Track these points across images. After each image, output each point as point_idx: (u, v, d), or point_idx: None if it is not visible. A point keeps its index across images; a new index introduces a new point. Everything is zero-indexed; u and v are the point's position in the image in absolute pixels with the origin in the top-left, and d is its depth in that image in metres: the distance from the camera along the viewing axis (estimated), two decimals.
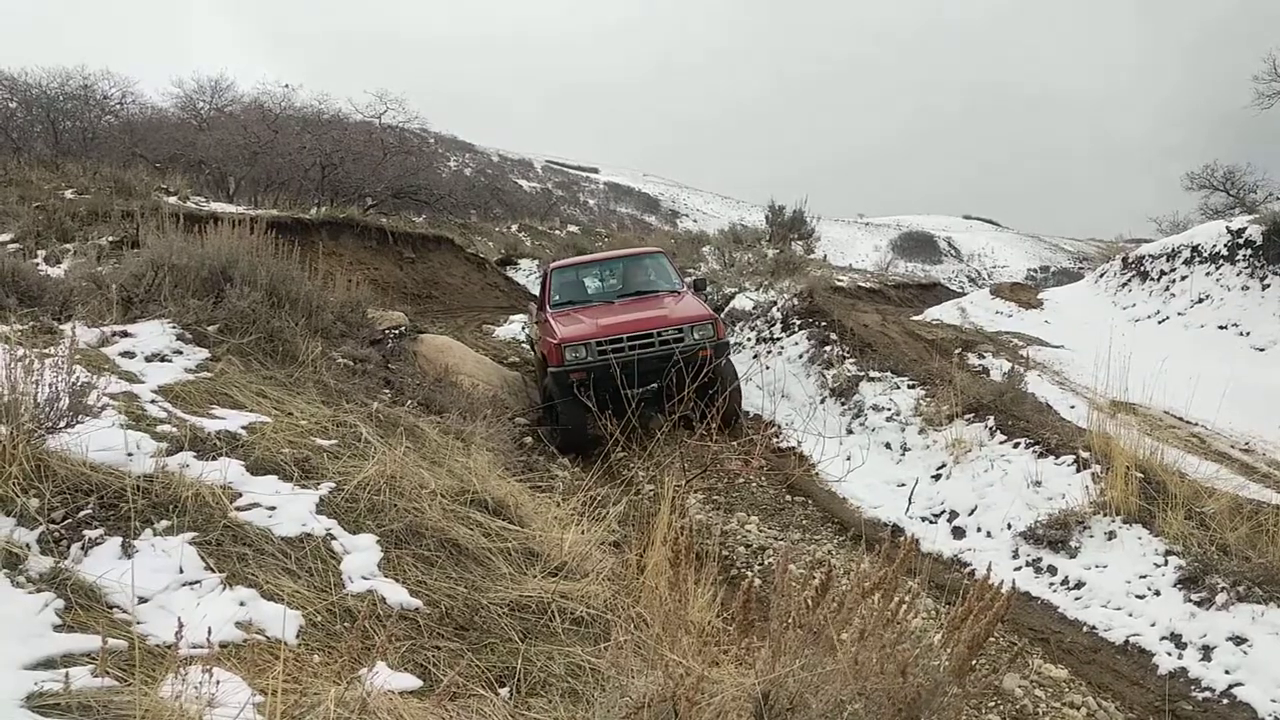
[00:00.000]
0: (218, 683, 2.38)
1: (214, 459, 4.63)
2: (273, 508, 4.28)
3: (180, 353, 6.72)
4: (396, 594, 3.89)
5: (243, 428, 5.23)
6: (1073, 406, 11.33)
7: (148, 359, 6.45)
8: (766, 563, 7.52)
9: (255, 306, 7.70)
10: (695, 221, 79.60)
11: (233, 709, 2.41)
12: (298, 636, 3.41)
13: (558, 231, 43.67)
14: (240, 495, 4.32)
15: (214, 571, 3.64)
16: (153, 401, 5.42)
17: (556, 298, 12.28)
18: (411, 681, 3.28)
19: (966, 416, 9.79)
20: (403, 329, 12.62)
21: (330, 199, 26.59)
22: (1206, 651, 6.30)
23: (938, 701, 2.85)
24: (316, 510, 4.37)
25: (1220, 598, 6.56)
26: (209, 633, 2.48)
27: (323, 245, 16.15)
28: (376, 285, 18.48)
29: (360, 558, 4.09)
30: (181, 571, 3.61)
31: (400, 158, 29.95)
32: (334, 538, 4.17)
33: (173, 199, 18.92)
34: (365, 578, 3.95)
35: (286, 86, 31.22)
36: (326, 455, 5.09)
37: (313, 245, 12.26)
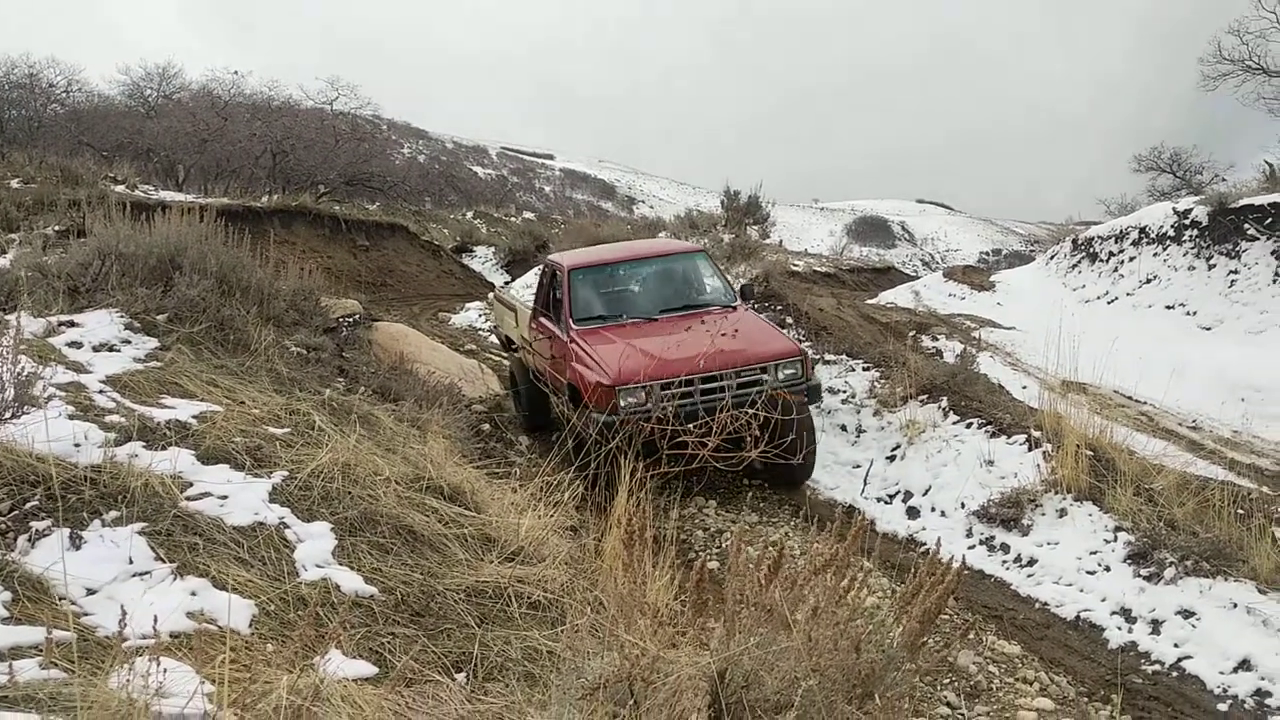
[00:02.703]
0: (165, 670, 2.35)
1: (164, 449, 4.57)
2: (224, 497, 4.24)
3: (129, 342, 6.62)
4: (351, 581, 3.86)
5: (193, 417, 5.16)
6: (1024, 387, 11.47)
7: (95, 349, 6.34)
8: (724, 545, 7.57)
9: (205, 295, 7.61)
10: (651, 208, 79.49)
11: (183, 699, 2.39)
12: (250, 625, 3.38)
13: (513, 218, 43.50)
14: (191, 485, 4.28)
15: (164, 562, 3.60)
16: (101, 391, 5.34)
17: (580, 310, 9.50)
18: (367, 669, 3.26)
19: (920, 398, 9.89)
20: (357, 317, 12.50)
21: (282, 187, 26.32)
22: (1156, 625, 6.41)
23: (891, 676, 2.88)
24: (269, 499, 4.33)
25: (1169, 572, 6.68)
26: (155, 620, 2.45)
27: (275, 233, 15.97)
28: (330, 273, 18.31)
29: (314, 546, 4.06)
30: (131, 562, 3.57)
31: (353, 144, 29.69)
32: (287, 526, 4.13)
33: (120, 187, 18.62)
34: (319, 565, 3.92)
35: (236, 73, 30.86)
36: (279, 444, 5.05)
37: (264, 233, 12.09)
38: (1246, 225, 14.96)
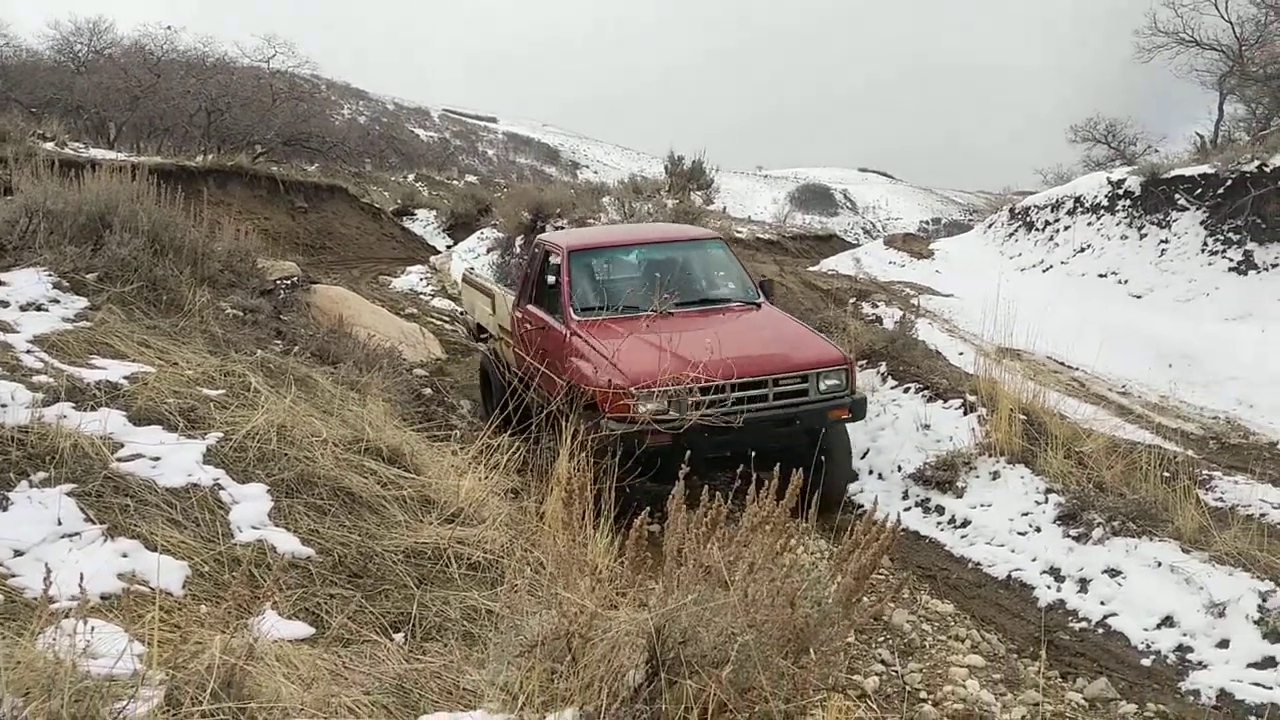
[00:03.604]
0: (92, 629, 2.32)
1: (94, 409, 4.48)
2: (157, 458, 4.17)
3: (58, 301, 6.46)
4: (288, 543, 3.83)
5: (124, 378, 5.06)
6: (961, 353, 11.65)
7: (23, 308, 6.19)
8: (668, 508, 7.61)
9: (137, 254, 7.43)
10: (596, 173, 79.07)
11: (112, 660, 2.35)
12: (184, 587, 3.34)
13: (456, 182, 43.12)
14: (122, 446, 4.20)
15: (94, 523, 3.54)
16: (28, 351, 5.21)
17: (582, 299, 8.41)
18: (303, 629, 3.25)
19: (860, 363, 9.99)
20: (295, 279, 12.30)
21: (217, 146, 25.78)
22: (1083, 584, 6.58)
23: (826, 632, 2.93)
24: (203, 460, 4.27)
25: (1096, 533, 6.85)
26: (81, 579, 2.41)
27: (209, 193, 15.67)
28: (267, 235, 18.02)
29: (249, 507, 4.02)
30: (60, 523, 3.51)
31: (291, 104, 29.15)
32: (222, 488, 4.08)
33: (49, 145, 18.07)
34: (255, 527, 3.88)
35: (169, 29, 29.97)
36: (214, 405, 4.97)
37: (198, 193, 11.81)
38: (1177, 196, 15.27)
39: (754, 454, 5.89)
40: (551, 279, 8.70)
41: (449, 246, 25.81)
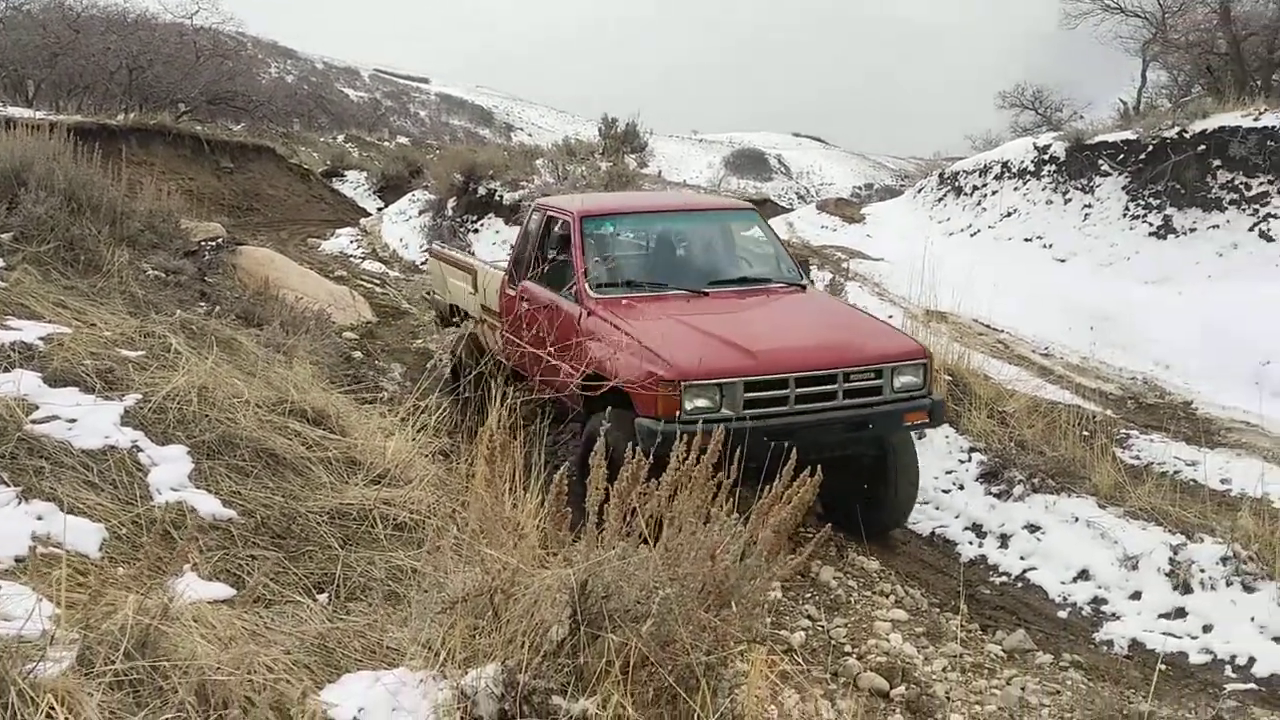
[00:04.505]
0: (3, 593, 2.27)
1: (7, 370, 4.37)
2: (73, 420, 4.08)
3: None
4: (208, 504, 3.78)
5: (40, 339, 4.93)
6: (890, 316, 11.78)
7: None
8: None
9: (53, 213, 7.25)
10: (530, 135, 78.30)
11: (21, 621, 2.32)
12: (101, 549, 3.28)
13: (387, 143, 42.48)
14: (37, 408, 4.10)
15: (8, 485, 3.46)
16: None
17: (599, 274, 7.16)
18: (224, 590, 3.21)
19: None
20: (220, 241, 12.07)
21: (139, 105, 25.08)
22: (1004, 540, 6.76)
23: (748, 585, 2.97)
24: (121, 422, 4.19)
25: (1017, 490, 7.03)
26: None
27: (131, 153, 15.21)
28: (192, 196, 17.60)
29: (169, 469, 3.95)
30: None
31: (215, 62, 28.51)
32: (140, 449, 4.01)
33: None
34: (175, 489, 3.82)
35: None
36: (133, 366, 4.87)
37: (119, 152, 11.48)
38: (1101, 161, 15.56)
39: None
40: (555, 251, 7.49)
41: (380, 209, 25.48)
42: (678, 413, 5.62)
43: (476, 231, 18.71)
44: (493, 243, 17.55)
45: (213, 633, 2.60)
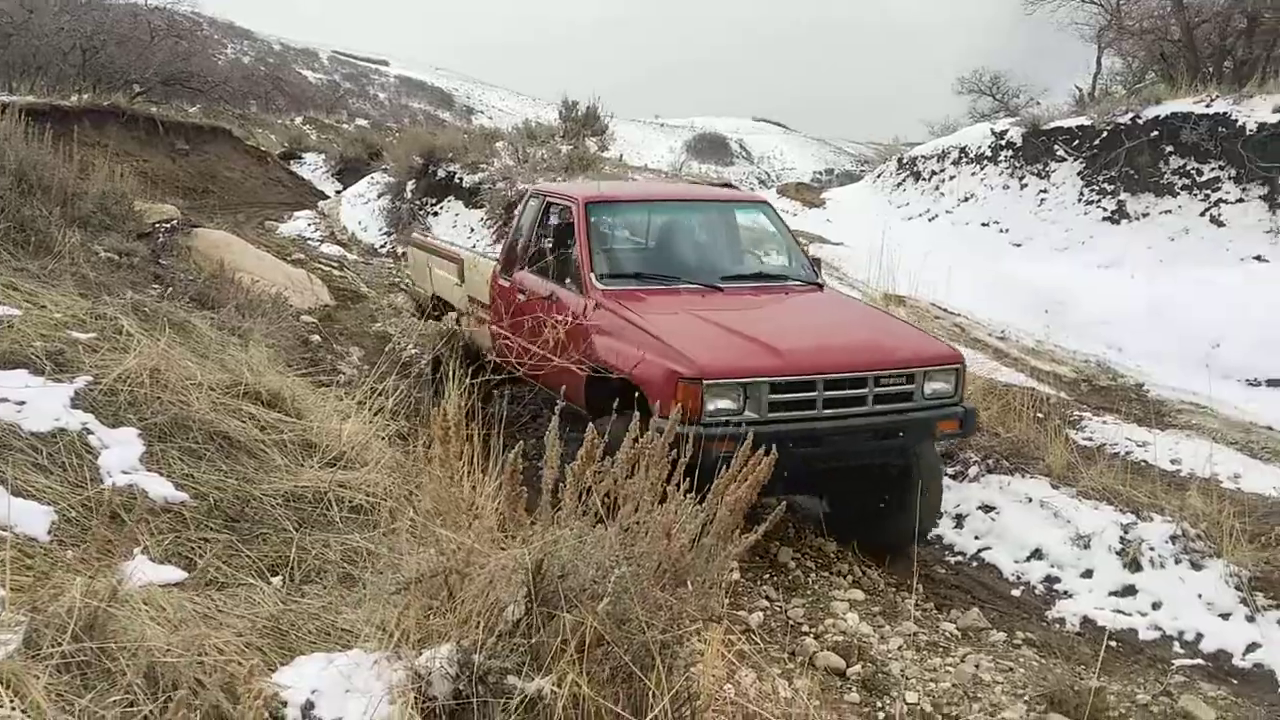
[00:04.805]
0: None
1: None
2: (22, 402, 4.01)
3: None
4: (160, 487, 3.73)
5: None
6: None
7: None
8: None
9: (3, 194, 7.13)
10: (490, 118, 77.69)
11: None
12: (50, 533, 3.23)
13: (346, 125, 42.11)
14: None
15: None
16: None
17: (605, 265, 6.81)
18: (175, 574, 3.18)
19: None
20: (175, 223, 11.92)
21: (93, 86, 24.64)
22: (960, 520, 6.85)
23: (703, 563, 2.99)
24: (71, 404, 4.12)
25: (973, 470, 7.11)
26: None
27: (84, 134, 14.90)
28: (146, 178, 17.37)
29: (120, 452, 3.89)
30: None
31: (170, 42, 28.04)
32: (91, 432, 3.95)
33: None
34: (125, 472, 3.77)
35: None
36: (83, 348, 4.79)
37: (71, 133, 11.28)
38: (1056, 147, 15.72)
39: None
40: (552, 241, 7.22)
41: (338, 191, 25.24)
42: (699, 414, 5.25)
43: (436, 214, 18.58)
44: (452, 225, 17.45)
45: (163, 615, 2.57)
